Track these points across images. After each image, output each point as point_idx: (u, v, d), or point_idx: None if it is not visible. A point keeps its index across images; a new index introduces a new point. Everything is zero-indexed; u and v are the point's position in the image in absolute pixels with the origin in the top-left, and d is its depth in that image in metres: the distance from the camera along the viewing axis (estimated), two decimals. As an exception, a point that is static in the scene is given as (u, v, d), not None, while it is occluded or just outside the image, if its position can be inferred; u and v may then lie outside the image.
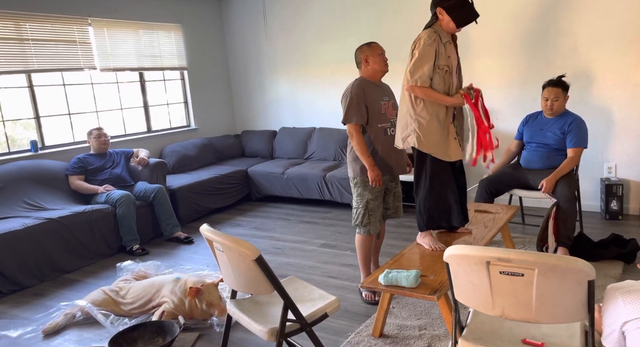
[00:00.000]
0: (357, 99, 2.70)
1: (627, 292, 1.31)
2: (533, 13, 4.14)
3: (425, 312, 2.68)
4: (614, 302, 1.34)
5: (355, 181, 2.81)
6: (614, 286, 1.37)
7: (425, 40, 2.34)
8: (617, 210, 3.95)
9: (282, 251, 3.81)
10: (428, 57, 2.33)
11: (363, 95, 2.71)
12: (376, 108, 2.74)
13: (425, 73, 2.33)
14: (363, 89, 2.73)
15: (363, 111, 2.70)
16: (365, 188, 2.78)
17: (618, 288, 1.35)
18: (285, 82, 5.73)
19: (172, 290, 2.78)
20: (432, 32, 2.37)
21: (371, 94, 2.74)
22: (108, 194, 4.00)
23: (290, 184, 4.98)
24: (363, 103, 2.70)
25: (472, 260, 1.53)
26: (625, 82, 3.92)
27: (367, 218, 2.80)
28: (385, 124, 2.77)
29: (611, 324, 1.34)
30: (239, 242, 1.82)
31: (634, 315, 1.27)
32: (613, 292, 1.35)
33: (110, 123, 4.91)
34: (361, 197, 2.80)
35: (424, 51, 2.33)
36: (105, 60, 4.73)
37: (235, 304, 2.13)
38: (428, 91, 2.36)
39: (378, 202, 2.82)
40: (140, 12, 5.04)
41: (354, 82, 2.78)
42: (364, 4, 4.95)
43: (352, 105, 2.70)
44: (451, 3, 2.33)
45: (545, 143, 3.38)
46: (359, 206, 2.81)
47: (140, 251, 3.93)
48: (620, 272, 2.99)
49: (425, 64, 2.33)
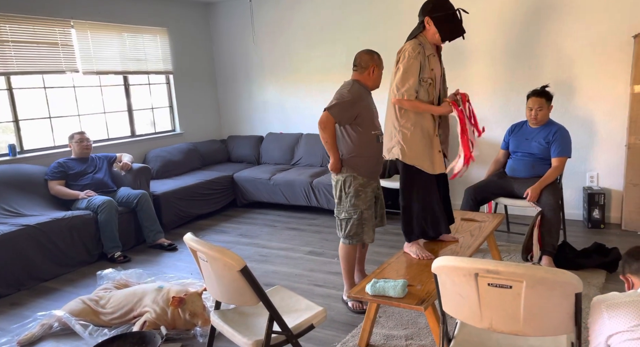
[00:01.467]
0: (352, 102, 2.64)
1: (612, 305, 1.32)
2: (518, 24, 4.20)
3: (412, 322, 2.67)
4: (599, 315, 1.34)
5: (346, 191, 2.73)
6: (599, 298, 1.38)
7: (410, 53, 2.34)
8: (599, 219, 4.01)
9: (268, 259, 3.76)
10: (413, 70, 2.34)
11: (359, 101, 2.67)
12: (370, 115, 2.72)
13: (411, 86, 2.34)
14: (361, 96, 2.69)
15: (348, 115, 2.65)
16: (358, 198, 2.72)
17: (603, 301, 1.35)
18: (272, 87, 5.70)
19: (154, 299, 2.72)
20: (416, 44, 2.36)
21: (367, 101, 2.73)
22: (89, 199, 3.91)
23: (277, 190, 4.94)
24: (354, 109, 2.65)
25: (460, 272, 1.52)
26: (607, 93, 3.99)
27: (361, 228, 2.75)
28: (377, 131, 2.77)
29: (597, 337, 1.34)
30: (224, 252, 1.78)
31: (619, 328, 1.27)
32: (598, 305, 1.36)
33: (92, 127, 4.82)
34: (355, 207, 2.72)
35: (409, 65, 2.33)
36: (89, 63, 4.65)
37: (219, 315, 2.08)
38: (415, 103, 2.37)
39: (372, 212, 2.79)
40: (125, 15, 4.97)
41: (354, 84, 2.71)
42: (352, 12, 4.96)
43: (345, 104, 2.63)
44: (440, 15, 2.33)
45: (530, 152, 3.42)
46: (352, 217, 2.74)
47: (122, 259, 3.84)
48: (603, 281, 3.02)
49: (411, 78, 2.34)
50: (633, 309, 1.27)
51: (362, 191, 2.73)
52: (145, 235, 4.15)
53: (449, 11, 2.34)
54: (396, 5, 4.72)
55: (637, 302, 1.28)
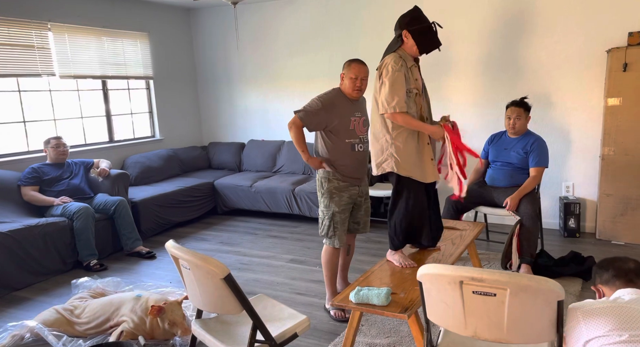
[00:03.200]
0: (320, 109, 2.68)
1: (588, 311, 1.35)
2: (497, 38, 4.31)
3: (394, 330, 2.67)
4: (576, 322, 1.37)
5: (322, 191, 2.79)
6: (575, 305, 1.41)
7: (393, 66, 2.36)
8: (574, 228, 4.11)
9: (249, 267, 3.72)
10: (400, 82, 2.35)
11: (330, 109, 2.70)
12: (344, 123, 2.73)
13: (401, 99, 2.35)
14: (333, 103, 2.71)
15: (315, 121, 2.69)
16: (331, 200, 2.77)
17: (578, 308, 1.38)
18: (254, 94, 5.68)
19: (132, 308, 2.65)
20: (397, 57, 2.39)
21: (340, 109, 2.73)
22: (65, 206, 3.80)
23: (258, 197, 4.90)
24: (322, 115, 2.68)
25: (445, 279, 1.52)
26: (582, 104, 4.11)
27: (332, 230, 2.79)
28: (353, 139, 2.77)
29: (574, 344, 1.36)
30: (207, 260, 1.75)
31: (595, 333, 1.30)
32: (574, 312, 1.39)
33: (69, 132, 4.70)
34: (327, 208, 2.79)
35: (395, 78, 2.35)
36: (66, 67, 4.55)
37: (201, 324, 2.04)
38: (408, 118, 2.38)
39: (345, 216, 2.81)
40: (105, 19, 4.89)
41: (330, 92, 2.77)
42: (335, 20, 5.00)
43: (314, 110, 2.68)
44: (417, 28, 2.38)
45: (509, 162, 3.49)
46: (324, 217, 2.80)
47: (98, 267, 3.74)
48: (580, 290, 3.09)
49: (399, 90, 2.35)
50: (608, 315, 1.30)
51: (337, 194, 2.76)
52: (123, 243, 4.05)
53: (424, 24, 2.39)
54: (378, 15, 4.78)
55: (611, 308, 1.32)
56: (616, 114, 3.80)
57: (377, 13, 4.79)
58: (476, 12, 4.34)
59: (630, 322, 1.26)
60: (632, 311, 1.29)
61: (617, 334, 1.26)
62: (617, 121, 3.80)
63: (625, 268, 1.51)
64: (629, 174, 3.83)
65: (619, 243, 3.92)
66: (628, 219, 3.88)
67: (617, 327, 1.26)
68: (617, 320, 1.28)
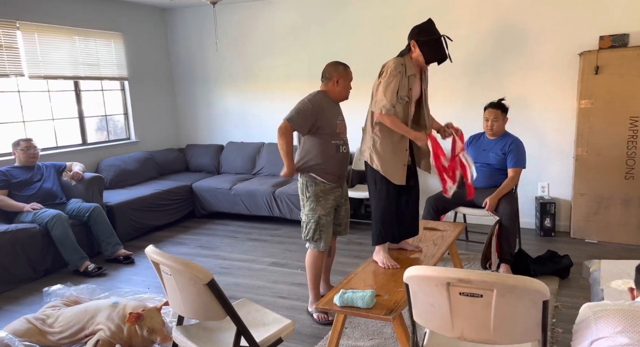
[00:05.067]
0: (312, 112, 2.69)
1: (599, 311, 1.35)
2: (475, 40, 4.37)
3: (378, 332, 2.66)
4: (586, 320, 1.37)
5: (308, 194, 2.78)
6: (589, 305, 1.41)
7: (392, 70, 2.43)
8: (550, 227, 4.20)
9: (229, 271, 3.66)
10: (392, 86, 2.43)
11: (320, 111, 2.71)
12: (332, 127, 2.76)
13: (389, 102, 2.43)
14: (322, 106, 2.73)
15: (307, 124, 2.70)
16: (318, 203, 2.76)
17: (591, 307, 1.39)
18: (233, 95, 5.61)
19: (108, 316, 2.56)
20: (399, 63, 2.46)
21: (329, 112, 2.76)
22: (35, 213, 3.65)
23: (238, 200, 4.84)
24: (314, 118, 2.70)
25: (432, 281, 1.52)
26: (556, 106, 4.21)
27: (318, 234, 2.77)
28: (338, 141, 2.80)
29: (581, 342, 1.37)
30: (189, 265, 1.70)
31: (602, 334, 1.30)
32: (586, 311, 1.39)
33: (39, 134, 4.53)
34: (313, 211, 2.77)
35: (389, 81, 2.43)
36: (36, 67, 4.39)
37: (182, 331, 1.99)
38: (395, 120, 2.46)
39: (330, 219, 2.82)
40: (77, 18, 4.75)
41: (316, 95, 2.77)
42: (314, 22, 4.99)
43: (304, 113, 2.69)
44: (425, 39, 2.44)
45: (487, 163, 3.54)
46: (309, 221, 2.79)
47: (96, 271, 3.64)
48: (557, 288, 3.15)
49: (389, 94, 2.43)
50: (620, 316, 1.30)
51: (323, 197, 2.77)
52: (103, 248, 3.93)
53: (433, 36, 2.45)
54: (357, 17, 4.79)
55: (623, 311, 1.32)
56: (589, 115, 3.90)
57: (355, 14, 4.80)
58: (454, 16, 4.40)
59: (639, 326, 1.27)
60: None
61: (623, 337, 1.26)
62: (589, 122, 3.91)
63: None
64: (601, 174, 3.94)
65: (592, 241, 4.03)
66: (600, 218, 3.99)
67: (625, 329, 1.27)
68: (627, 323, 1.29)
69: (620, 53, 3.73)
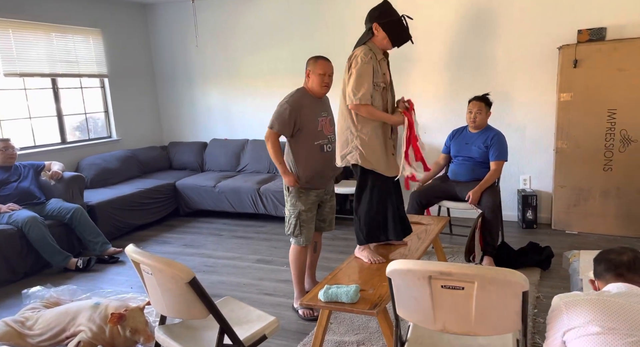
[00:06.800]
0: (290, 113, 2.66)
1: (571, 302, 1.37)
2: (458, 34, 4.39)
3: (363, 327, 2.67)
4: (558, 311, 1.40)
5: (290, 189, 2.78)
6: (561, 296, 1.43)
7: (362, 58, 2.35)
8: (532, 219, 4.26)
9: (214, 269, 3.63)
10: (367, 75, 2.34)
11: (298, 111, 2.68)
12: (312, 126, 2.73)
13: (367, 91, 2.34)
14: (301, 105, 2.70)
15: (289, 126, 2.68)
16: (298, 199, 2.76)
17: (562, 298, 1.41)
18: (216, 92, 5.56)
19: (90, 317, 2.52)
20: (367, 49, 2.39)
21: (308, 110, 2.71)
22: (10, 215, 3.58)
23: (222, 197, 4.80)
24: (294, 119, 2.67)
25: (414, 275, 1.53)
26: (536, 100, 4.26)
27: (298, 229, 2.78)
28: (322, 140, 2.77)
29: (554, 332, 1.39)
30: (171, 264, 1.68)
31: (574, 324, 1.33)
32: (558, 302, 1.41)
33: (16, 133, 4.43)
34: (294, 207, 2.78)
35: (363, 70, 2.34)
36: (11, 64, 4.28)
37: (165, 330, 1.97)
38: (371, 109, 2.38)
39: (311, 215, 2.81)
40: (54, 14, 4.64)
41: (296, 93, 2.74)
42: (296, 17, 4.96)
43: (282, 116, 2.67)
44: (388, 20, 2.38)
45: (470, 156, 3.57)
46: (291, 216, 2.80)
47: (88, 264, 3.65)
48: (538, 279, 3.20)
49: (365, 82, 2.34)
50: (589, 306, 1.33)
51: (304, 192, 2.78)
52: (91, 249, 3.89)
53: (395, 17, 2.39)
54: (340, 12, 4.78)
55: (594, 301, 1.34)
56: (568, 108, 3.96)
57: (338, 9, 4.78)
58: (437, 10, 4.41)
59: (609, 315, 1.29)
60: (614, 305, 1.31)
61: (594, 326, 1.29)
62: (569, 115, 3.97)
63: (617, 262, 1.48)
64: (580, 166, 4.00)
65: (573, 232, 4.10)
66: (580, 209, 4.07)
67: (595, 318, 1.30)
68: (597, 312, 1.31)
69: (598, 47, 3.78)
